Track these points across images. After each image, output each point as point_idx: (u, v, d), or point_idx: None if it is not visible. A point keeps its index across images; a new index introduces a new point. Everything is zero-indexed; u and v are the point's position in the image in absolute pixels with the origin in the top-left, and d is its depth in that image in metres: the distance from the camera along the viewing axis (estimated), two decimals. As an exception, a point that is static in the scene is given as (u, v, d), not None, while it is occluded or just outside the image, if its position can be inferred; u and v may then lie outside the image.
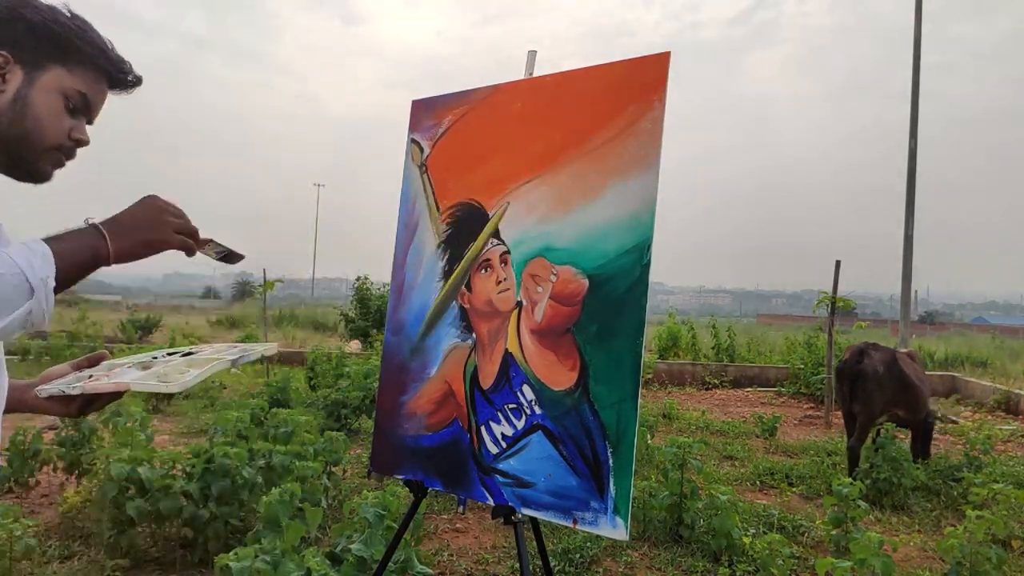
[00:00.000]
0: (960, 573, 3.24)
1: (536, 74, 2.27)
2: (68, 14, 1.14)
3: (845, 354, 5.84)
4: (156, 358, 1.36)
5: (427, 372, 2.29)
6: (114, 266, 1.11)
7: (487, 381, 2.13)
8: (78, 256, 1.06)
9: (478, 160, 2.27)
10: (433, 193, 2.39)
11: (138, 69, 1.22)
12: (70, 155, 1.17)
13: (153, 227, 1.14)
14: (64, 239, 1.07)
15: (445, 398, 2.23)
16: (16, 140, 1.10)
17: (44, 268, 1.00)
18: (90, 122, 1.19)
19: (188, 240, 1.18)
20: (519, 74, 2.30)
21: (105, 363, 1.34)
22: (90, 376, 1.25)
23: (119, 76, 1.19)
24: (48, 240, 1.06)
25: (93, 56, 1.15)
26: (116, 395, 1.22)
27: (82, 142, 1.18)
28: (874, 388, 5.47)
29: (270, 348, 1.43)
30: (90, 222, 1.11)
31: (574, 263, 1.98)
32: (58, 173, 1.17)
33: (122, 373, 1.27)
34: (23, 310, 0.97)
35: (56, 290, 1.02)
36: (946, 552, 3.35)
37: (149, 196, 1.18)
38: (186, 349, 1.40)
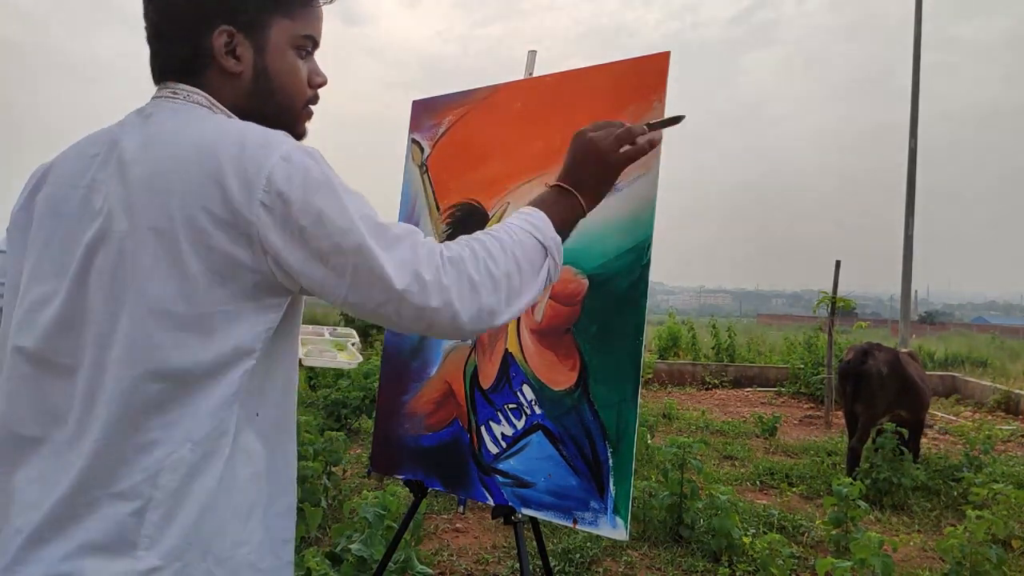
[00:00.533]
0: (960, 573, 3.24)
1: (536, 74, 2.27)
2: None
3: (848, 354, 5.83)
4: None
5: (427, 372, 2.29)
6: None
7: (487, 381, 2.13)
8: (565, 215, 1.14)
9: (478, 160, 2.27)
10: (433, 193, 2.39)
11: (139, 69, 1.18)
12: (315, 100, 1.12)
13: (604, 168, 1.20)
14: (548, 203, 1.14)
15: (445, 398, 2.23)
16: (273, 115, 1.03)
17: (548, 229, 1.08)
18: (318, 46, 1.11)
19: (634, 148, 1.21)
20: (519, 74, 2.30)
21: None
22: None
23: None
24: (537, 206, 1.13)
25: None
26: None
27: (323, 83, 1.10)
28: (877, 389, 5.48)
29: (349, 332, 1.38)
30: (549, 185, 1.19)
31: (574, 263, 1.98)
32: None
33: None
34: (544, 269, 1.05)
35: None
36: (946, 552, 3.35)
37: (577, 136, 1.23)
38: None
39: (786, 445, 6.89)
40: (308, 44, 1.06)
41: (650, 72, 1.93)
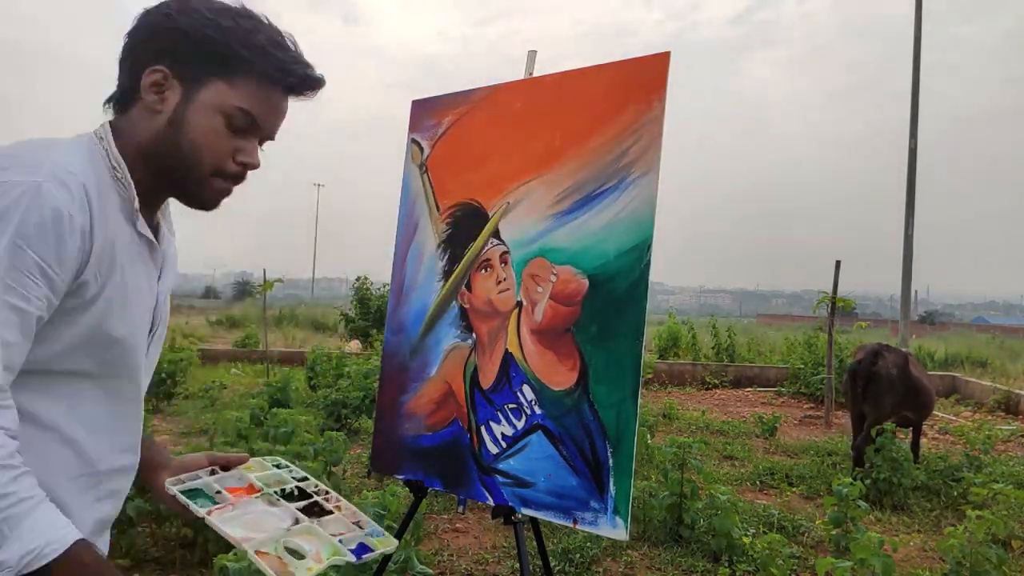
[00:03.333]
0: (960, 573, 3.24)
1: (536, 74, 2.27)
2: (232, 15, 1.00)
3: (859, 354, 5.93)
4: (289, 491, 1.21)
5: (427, 372, 2.29)
6: None
7: (487, 381, 2.13)
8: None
9: (478, 160, 2.27)
10: (433, 193, 2.39)
11: None
12: (238, 180, 1.06)
13: None
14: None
15: (445, 398, 2.23)
16: (173, 165, 1.01)
17: (38, 543, 0.83)
18: (269, 138, 1.07)
19: None
20: (519, 74, 2.30)
21: (237, 470, 1.21)
22: (218, 492, 1.15)
23: (292, 82, 1.04)
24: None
25: (258, 64, 1.00)
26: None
27: (250, 166, 1.05)
28: (886, 390, 5.57)
29: (390, 545, 1.18)
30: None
31: (574, 263, 1.98)
32: None
33: (249, 507, 1.14)
34: None
35: None
36: (946, 552, 3.35)
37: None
38: (308, 487, 1.24)
39: (786, 445, 6.89)
40: (243, 119, 1.01)
41: (650, 72, 1.93)
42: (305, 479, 1.26)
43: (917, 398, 5.73)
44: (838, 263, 8.17)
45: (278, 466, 1.27)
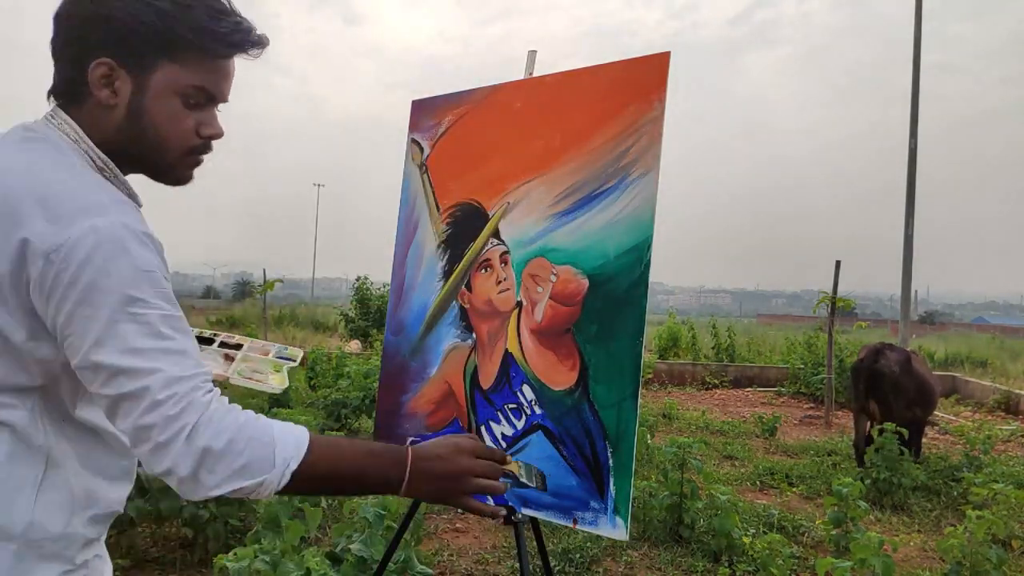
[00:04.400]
0: (960, 573, 3.24)
1: (536, 74, 2.27)
2: None
3: (862, 353, 6.03)
4: (198, 338, 1.39)
5: (427, 372, 2.29)
6: None
7: (487, 381, 2.13)
8: (363, 473, 1.01)
9: (478, 160, 2.27)
10: (433, 193, 2.39)
11: None
12: (205, 150, 1.08)
13: (451, 490, 1.08)
14: (365, 454, 1.02)
15: (445, 398, 2.23)
16: (143, 154, 1.03)
17: (291, 450, 0.95)
18: (223, 101, 1.07)
19: (484, 507, 1.14)
20: (519, 74, 2.30)
21: None
22: None
23: (235, 49, 1.04)
24: (339, 439, 1.05)
25: (204, 42, 1.00)
26: None
27: (215, 135, 1.07)
28: (891, 387, 5.65)
29: (299, 352, 1.50)
30: (408, 447, 1.05)
31: (574, 263, 1.98)
32: None
33: (206, 359, 1.28)
34: (255, 480, 0.92)
35: (308, 482, 0.97)
36: (946, 552, 3.35)
37: (460, 450, 1.09)
38: (204, 333, 1.45)
39: (786, 445, 6.89)
40: (199, 95, 1.03)
41: (650, 72, 1.93)
42: (195, 329, 1.41)
43: (923, 395, 5.83)
44: (838, 263, 8.17)
45: None
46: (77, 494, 1.02)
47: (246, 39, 1.04)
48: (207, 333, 1.46)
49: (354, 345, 13.32)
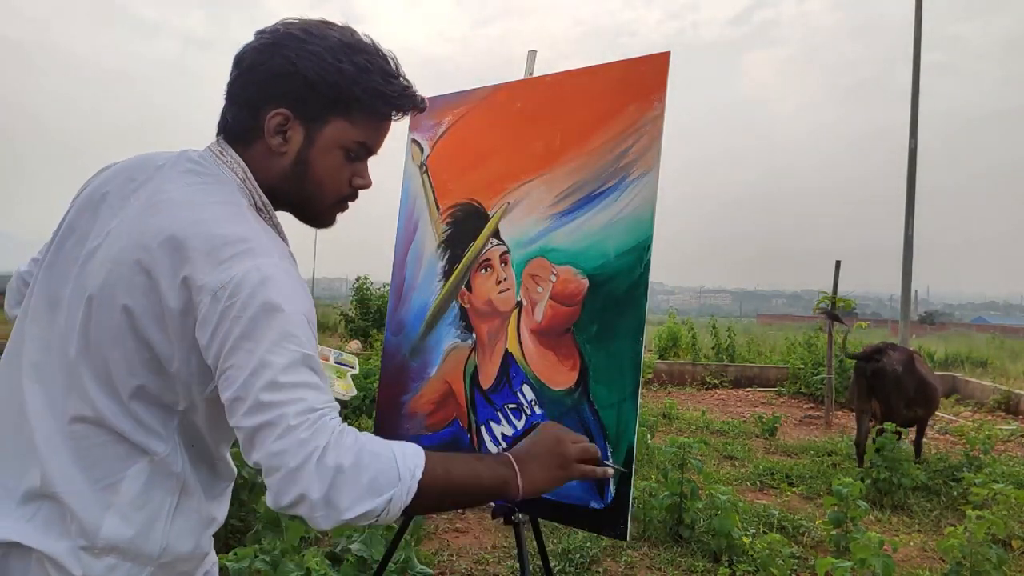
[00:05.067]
0: (960, 573, 3.24)
1: (536, 74, 2.27)
2: (348, 54, 1.05)
3: (864, 352, 6.05)
4: None
5: (427, 372, 2.29)
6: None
7: (487, 381, 2.13)
8: (478, 476, 1.06)
9: (478, 160, 2.27)
10: (433, 193, 2.39)
11: (138, 69, 1.20)
12: (353, 198, 1.17)
13: (560, 463, 1.15)
14: (473, 459, 1.12)
15: (445, 398, 2.23)
16: (299, 201, 1.11)
17: (413, 459, 0.99)
18: (375, 154, 1.17)
19: (593, 468, 1.20)
20: (519, 74, 2.30)
21: None
22: None
23: (399, 112, 1.13)
24: (461, 456, 1.11)
25: (374, 104, 1.08)
26: None
27: (364, 186, 1.16)
28: (894, 386, 5.69)
29: (355, 360, 1.51)
30: (503, 452, 1.14)
31: (574, 263, 1.98)
32: (58, 172, 1.15)
33: None
34: (385, 497, 0.94)
35: (431, 493, 0.98)
36: (946, 552, 3.35)
37: (548, 427, 1.21)
38: None
39: (786, 445, 6.89)
40: (360, 150, 1.11)
41: (650, 72, 1.93)
42: None
43: (925, 394, 5.88)
44: (838, 263, 8.17)
45: None
46: (204, 517, 1.08)
47: (410, 103, 1.13)
48: None
49: (354, 345, 13.32)
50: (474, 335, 2.19)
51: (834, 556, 3.38)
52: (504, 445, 2.06)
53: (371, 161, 1.18)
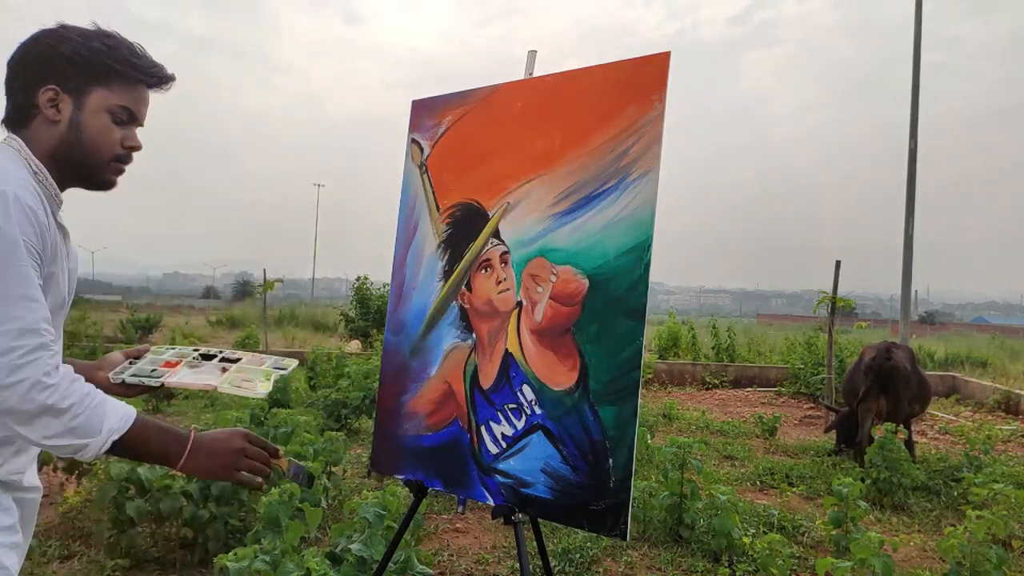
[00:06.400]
0: (960, 573, 3.24)
1: (536, 74, 2.27)
2: (98, 37, 1.30)
3: (872, 351, 6.10)
4: (201, 355, 1.56)
5: (427, 372, 2.29)
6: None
7: (487, 381, 2.13)
8: (152, 443, 1.24)
9: (478, 160, 2.27)
10: (433, 193, 2.39)
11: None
12: (127, 160, 1.36)
13: (224, 465, 1.30)
14: (158, 425, 1.25)
15: (445, 398, 2.23)
16: (79, 160, 1.30)
17: (117, 423, 1.18)
18: (140, 125, 1.37)
19: (254, 479, 1.33)
20: (519, 74, 2.30)
21: (149, 355, 1.57)
22: (152, 370, 1.47)
23: (152, 80, 1.35)
24: (148, 418, 1.25)
25: (126, 71, 1.31)
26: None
27: (135, 148, 1.35)
28: (903, 384, 5.78)
29: (293, 362, 1.61)
30: (192, 431, 1.29)
31: (574, 263, 1.98)
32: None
33: (185, 372, 1.46)
34: (80, 442, 1.14)
35: (115, 450, 1.18)
36: (946, 552, 3.34)
37: (236, 434, 1.32)
38: (210, 351, 1.59)
39: (786, 445, 6.89)
40: (124, 114, 1.32)
41: (650, 72, 1.93)
42: (200, 348, 1.60)
43: (924, 391, 6.01)
44: (838, 263, 8.17)
45: (171, 348, 1.62)
46: None
47: (159, 73, 1.35)
48: (212, 351, 1.61)
49: (354, 345, 13.32)
50: (474, 335, 2.19)
51: (834, 556, 3.38)
52: (504, 445, 2.06)
53: (371, 161, 1.21)
